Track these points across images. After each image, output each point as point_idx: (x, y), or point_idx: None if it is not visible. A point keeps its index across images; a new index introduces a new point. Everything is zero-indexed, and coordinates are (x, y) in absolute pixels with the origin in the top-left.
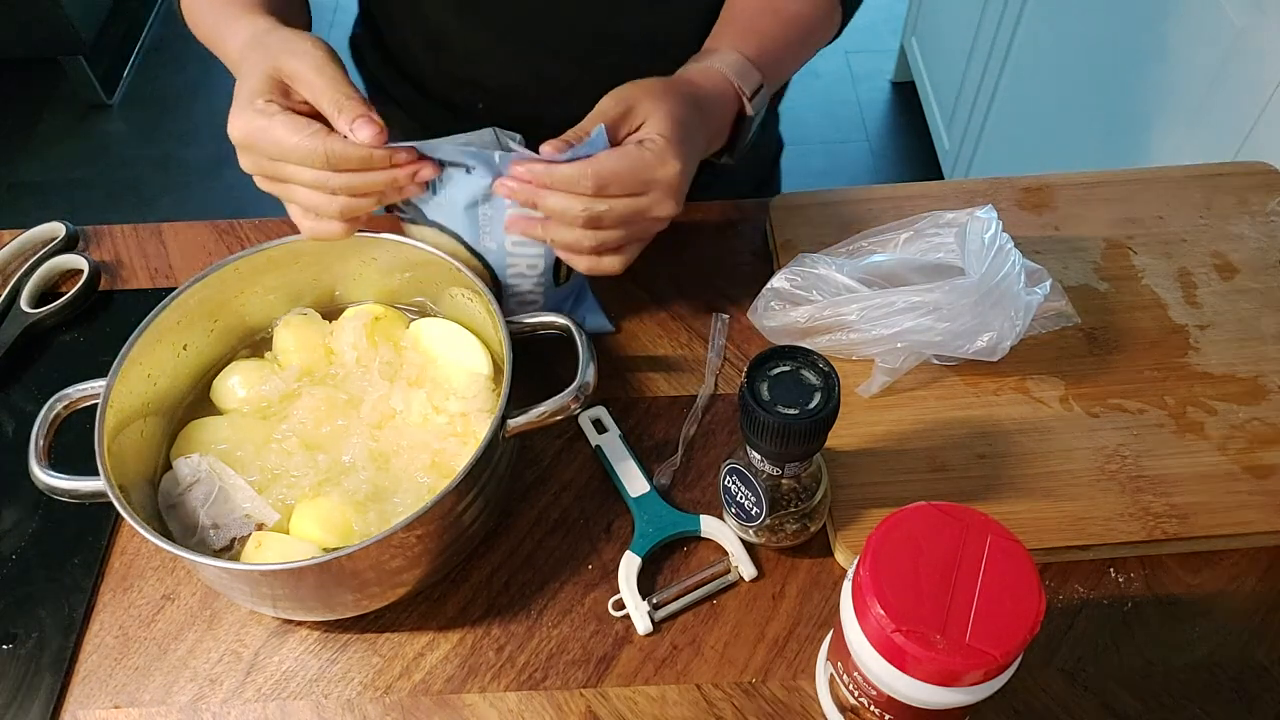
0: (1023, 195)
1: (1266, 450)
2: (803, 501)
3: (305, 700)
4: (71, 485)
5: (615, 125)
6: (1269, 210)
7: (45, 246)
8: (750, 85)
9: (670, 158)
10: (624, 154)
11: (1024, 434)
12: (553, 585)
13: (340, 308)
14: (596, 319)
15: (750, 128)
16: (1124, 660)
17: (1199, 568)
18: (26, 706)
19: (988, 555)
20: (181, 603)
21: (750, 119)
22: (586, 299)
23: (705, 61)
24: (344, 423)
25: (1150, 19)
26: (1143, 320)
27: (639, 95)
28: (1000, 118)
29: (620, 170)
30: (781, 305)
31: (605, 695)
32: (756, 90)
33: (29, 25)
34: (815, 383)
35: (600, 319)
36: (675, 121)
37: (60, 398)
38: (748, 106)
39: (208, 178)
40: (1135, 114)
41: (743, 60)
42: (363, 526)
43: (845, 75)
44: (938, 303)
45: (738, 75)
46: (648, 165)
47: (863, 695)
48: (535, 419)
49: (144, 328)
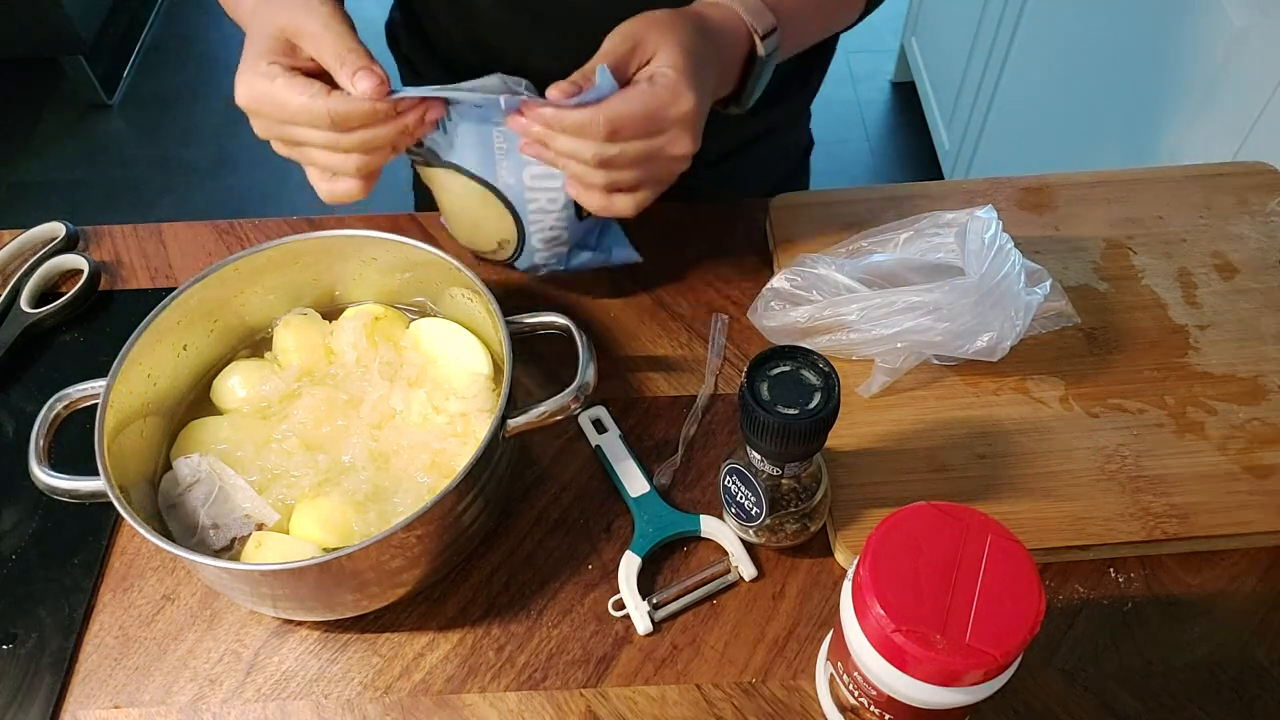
0: (1023, 195)
1: (1266, 450)
2: (803, 501)
3: (305, 700)
4: (71, 485)
5: (624, 62)
6: (1269, 210)
7: (45, 246)
8: (763, 25)
9: (684, 91)
10: (635, 95)
11: (1024, 434)
12: (553, 585)
13: (340, 308)
14: (623, 250)
15: (760, 73)
16: (1124, 660)
17: (1199, 568)
18: (26, 706)
19: (988, 555)
20: (181, 603)
21: (760, 61)
22: (611, 229)
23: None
24: (344, 423)
25: (1150, 19)
26: (1143, 320)
27: (645, 28)
28: (1000, 118)
29: (633, 112)
30: (781, 305)
31: (605, 695)
32: (770, 31)
33: (29, 25)
34: (815, 383)
35: (627, 250)
36: (685, 52)
37: (60, 398)
38: (759, 45)
39: (208, 178)
40: (1135, 114)
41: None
42: (363, 526)
43: (845, 75)
44: (938, 303)
45: (750, 12)
46: (661, 103)
47: (863, 695)
48: (535, 419)
49: (144, 328)
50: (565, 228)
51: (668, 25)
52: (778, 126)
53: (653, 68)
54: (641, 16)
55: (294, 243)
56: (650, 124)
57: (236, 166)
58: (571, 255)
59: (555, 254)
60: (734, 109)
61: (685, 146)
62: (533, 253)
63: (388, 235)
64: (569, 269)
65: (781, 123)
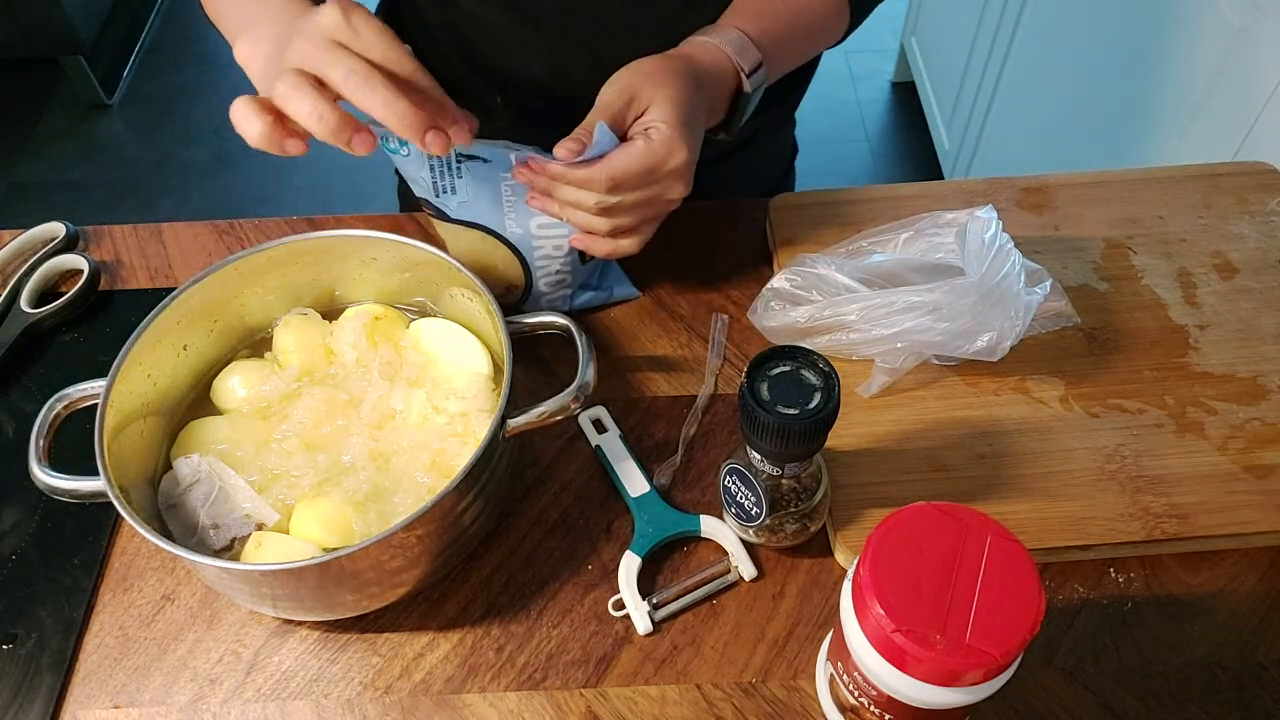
0: (1022, 195)
1: (1266, 450)
2: (803, 501)
3: (305, 700)
4: (71, 485)
5: (619, 116)
6: (1269, 210)
7: (45, 246)
8: (749, 62)
9: (677, 145)
10: (633, 152)
11: (1024, 434)
12: (553, 585)
13: (340, 308)
14: (624, 288)
15: (747, 105)
16: (1124, 660)
17: (1199, 568)
18: (26, 706)
19: (988, 555)
20: (181, 603)
21: (747, 96)
22: (612, 268)
23: (705, 36)
24: (344, 423)
25: (1150, 19)
26: (1143, 320)
27: (639, 82)
28: (1000, 118)
29: (631, 168)
30: (781, 305)
31: (605, 695)
32: (756, 68)
33: (29, 25)
34: (815, 383)
35: (627, 287)
36: (677, 106)
37: (60, 398)
38: (745, 83)
39: (208, 178)
40: (1135, 114)
41: (743, 38)
42: (363, 526)
43: (845, 75)
44: (938, 303)
45: (736, 52)
46: (657, 158)
47: (863, 695)
48: (535, 419)
49: (144, 328)
50: (570, 271)
51: (660, 79)
52: (762, 133)
53: (648, 120)
54: (634, 68)
55: (294, 243)
56: (648, 177)
57: (236, 166)
58: (575, 296)
59: (561, 295)
60: (722, 135)
61: (679, 192)
62: (539, 296)
63: (388, 235)
64: (573, 309)
65: (766, 127)
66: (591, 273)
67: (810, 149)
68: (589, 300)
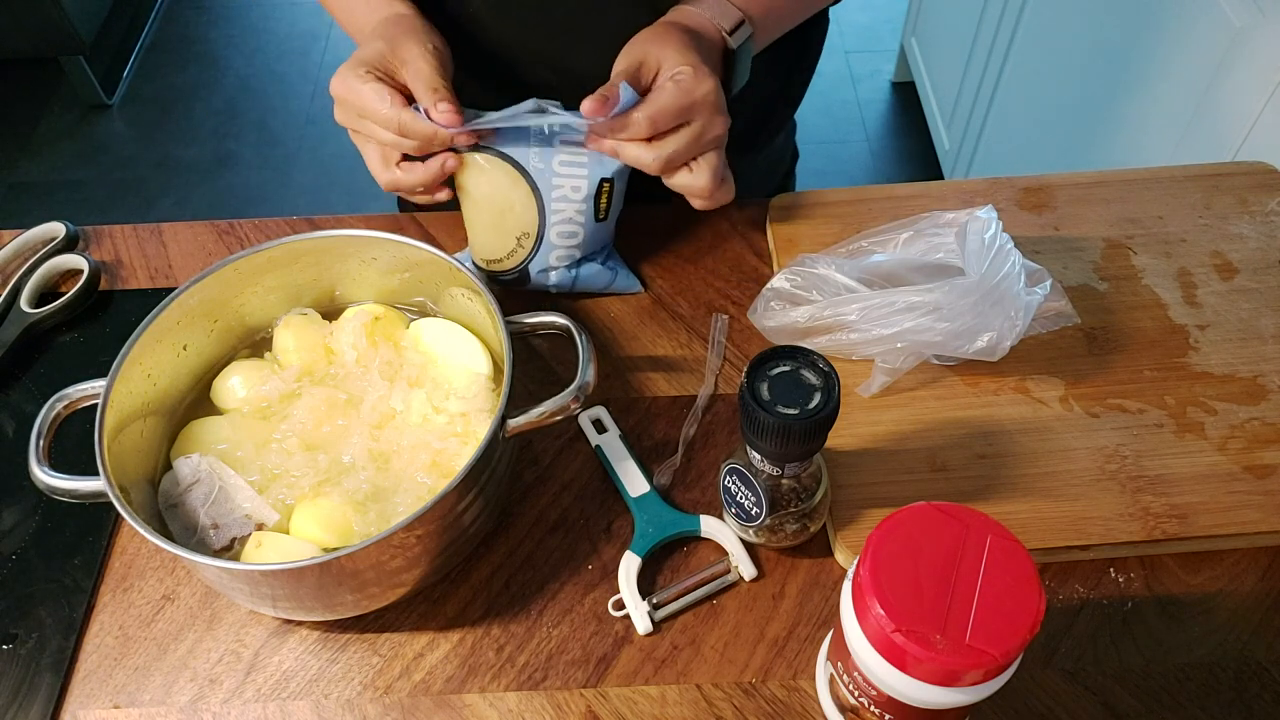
0: (1022, 195)
1: (1266, 450)
2: (803, 501)
3: (305, 700)
4: (71, 485)
5: (635, 79)
6: (1269, 210)
7: (45, 246)
8: (729, 21)
9: (703, 78)
10: (664, 91)
11: (1024, 434)
12: (553, 585)
13: (340, 308)
14: (627, 279)
15: (739, 66)
16: (1124, 660)
17: (1199, 568)
18: (26, 706)
19: (988, 555)
20: (181, 603)
21: (735, 53)
22: (616, 259)
23: (686, 5)
24: (344, 423)
25: (1149, 19)
26: (1142, 320)
27: (645, 46)
28: (1000, 118)
29: (666, 105)
30: (781, 305)
31: (605, 695)
32: (736, 26)
33: (29, 25)
34: (815, 383)
35: (630, 279)
36: (687, 52)
37: (60, 398)
38: (729, 40)
39: (208, 178)
40: (1135, 114)
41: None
42: (363, 526)
43: (845, 75)
44: (938, 303)
45: (714, 13)
46: (687, 91)
47: (863, 695)
48: (535, 419)
49: (144, 328)
50: (582, 224)
51: (664, 39)
52: (763, 134)
53: (668, 71)
54: (638, 37)
55: (294, 243)
56: (683, 113)
57: (236, 166)
58: (581, 264)
59: (569, 254)
60: None
61: (719, 126)
62: (549, 249)
63: (388, 235)
64: (576, 285)
65: (768, 126)
66: (601, 241)
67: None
68: (593, 276)
